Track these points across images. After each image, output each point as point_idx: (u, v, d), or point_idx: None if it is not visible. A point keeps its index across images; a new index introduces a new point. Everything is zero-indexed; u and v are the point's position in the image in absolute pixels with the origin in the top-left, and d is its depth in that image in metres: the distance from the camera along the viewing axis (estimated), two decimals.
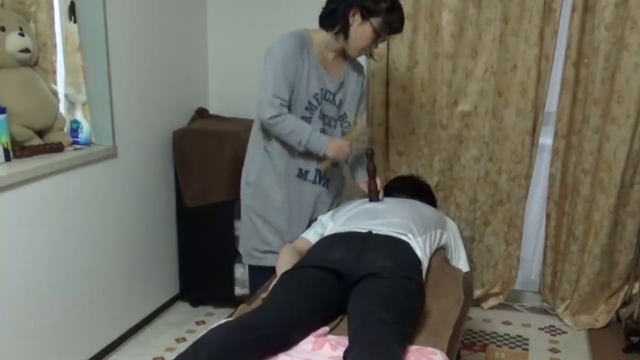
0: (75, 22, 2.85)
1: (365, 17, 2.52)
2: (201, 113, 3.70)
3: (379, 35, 2.57)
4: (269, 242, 2.73)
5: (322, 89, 2.65)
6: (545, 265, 3.56)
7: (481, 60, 3.33)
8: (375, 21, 2.52)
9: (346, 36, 2.57)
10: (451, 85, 3.38)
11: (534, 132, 3.35)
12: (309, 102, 2.62)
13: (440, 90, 3.40)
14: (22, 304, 2.57)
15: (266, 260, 2.73)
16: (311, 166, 2.70)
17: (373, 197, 2.73)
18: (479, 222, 3.57)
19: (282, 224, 2.72)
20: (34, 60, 2.69)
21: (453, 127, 3.45)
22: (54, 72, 2.80)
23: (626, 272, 3.43)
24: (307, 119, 2.63)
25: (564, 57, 3.23)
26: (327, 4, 2.62)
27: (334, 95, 2.70)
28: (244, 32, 3.69)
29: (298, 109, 2.60)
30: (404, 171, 3.53)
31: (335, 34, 2.59)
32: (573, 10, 3.14)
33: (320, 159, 2.65)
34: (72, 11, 2.85)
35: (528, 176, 3.43)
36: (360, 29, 2.55)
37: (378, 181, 2.74)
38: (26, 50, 2.60)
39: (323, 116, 2.68)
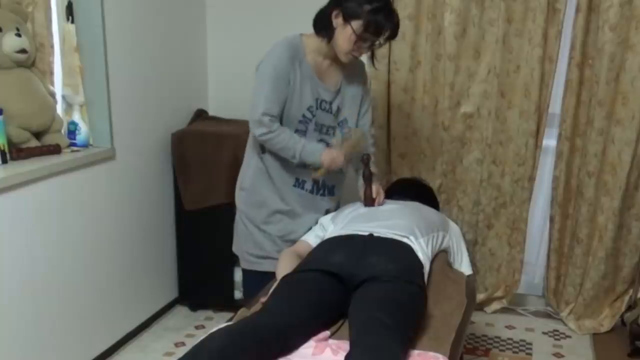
0: (72, 22, 2.83)
1: (346, 19, 2.41)
2: (200, 114, 3.67)
3: (361, 39, 2.43)
4: (264, 248, 2.69)
5: (316, 99, 2.58)
6: (549, 269, 3.53)
7: (484, 61, 3.30)
8: (356, 24, 2.39)
9: (329, 39, 2.48)
10: (454, 87, 3.36)
11: (537, 134, 3.32)
12: (303, 116, 2.56)
13: (443, 92, 3.38)
14: (19, 307, 2.54)
15: (261, 266, 2.69)
16: (308, 176, 2.65)
17: (368, 203, 2.67)
18: (481, 225, 3.53)
19: (279, 232, 2.67)
20: (31, 61, 2.68)
21: (455, 129, 3.42)
22: (51, 73, 2.79)
23: (631, 276, 3.40)
24: (302, 132, 2.57)
25: (567, 58, 3.21)
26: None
27: (330, 104, 2.62)
28: (244, 33, 3.66)
29: (292, 122, 2.54)
30: (405, 173, 3.50)
31: (322, 37, 2.50)
32: (577, 10, 3.11)
33: (314, 168, 2.59)
34: (69, 11, 2.82)
35: (531, 178, 3.40)
36: (340, 32, 2.44)
37: (374, 187, 2.67)
38: (23, 51, 2.58)
39: (320, 126, 2.63)
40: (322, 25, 2.49)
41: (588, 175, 3.29)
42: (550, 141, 3.41)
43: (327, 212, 2.76)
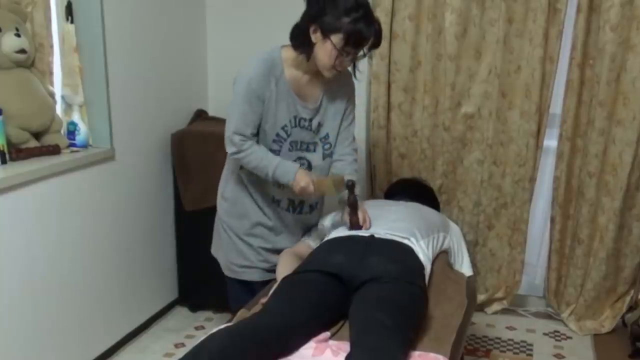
0: (72, 22, 2.83)
1: (325, 34, 2.27)
2: (200, 115, 3.66)
3: (342, 53, 2.29)
4: (248, 258, 2.63)
5: (294, 117, 2.47)
6: (549, 270, 3.52)
7: (485, 61, 3.29)
8: (336, 38, 2.26)
9: (308, 56, 2.35)
10: (454, 87, 3.35)
11: (538, 135, 3.31)
12: (277, 135, 2.47)
13: (443, 92, 3.37)
14: (18, 307, 2.54)
15: (245, 275, 2.65)
16: (283, 195, 2.58)
17: (355, 228, 2.46)
18: (482, 226, 3.53)
19: (261, 244, 2.62)
20: (31, 61, 2.67)
21: (456, 130, 3.41)
22: (51, 73, 2.79)
23: (632, 277, 3.39)
24: (277, 152, 2.48)
25: (568, 58, 3.20)
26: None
27: (309, 121, 2.51)
28: (244, 33, 3.65)
29: (266, 141, 2.47)
30: (406, 174, 3.49)
31: (301, 54, 2.37)
32: (578, 10, 3.10)
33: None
34: (69, 11, 2.82)
35: (532, 179, 3.39)
36: (320, 47, 2.31)
37: (361, 214, 2.45)
38: (22, 51, 2.58)
39: (299, 144, 2.52)
40: (300, 41, 2.35)
41: (589, 175, 3.28)
42: (551, 142, 3.39)
43: (309, 228, 2.73)
